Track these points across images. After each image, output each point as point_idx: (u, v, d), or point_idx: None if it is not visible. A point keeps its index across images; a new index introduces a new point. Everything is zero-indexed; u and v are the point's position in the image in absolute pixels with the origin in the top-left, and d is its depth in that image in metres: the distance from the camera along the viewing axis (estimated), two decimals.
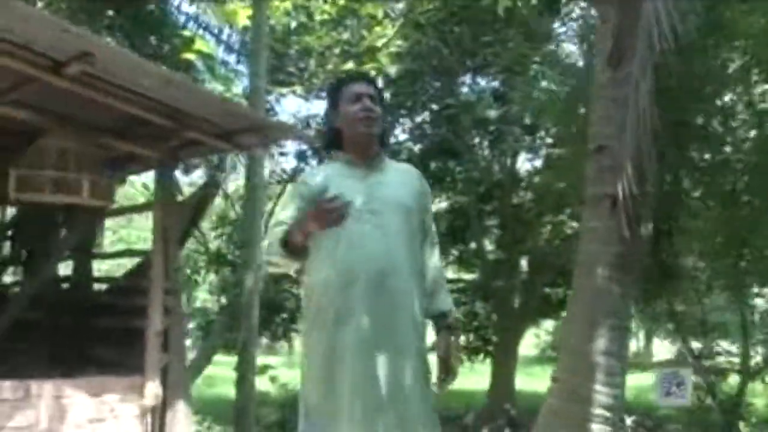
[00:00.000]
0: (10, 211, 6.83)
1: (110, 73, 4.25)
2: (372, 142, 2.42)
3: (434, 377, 2.38)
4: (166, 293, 4.78)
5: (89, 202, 4.51)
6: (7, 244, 6.71)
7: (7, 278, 6.83)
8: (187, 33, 9.32)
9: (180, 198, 5.71)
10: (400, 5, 10.01)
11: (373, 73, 9.76)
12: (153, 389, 4.61)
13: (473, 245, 11.24)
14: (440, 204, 12.33)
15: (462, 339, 11.87)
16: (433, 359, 2.42)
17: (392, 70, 9.41)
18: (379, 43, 9.70)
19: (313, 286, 2.34)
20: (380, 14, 10.08)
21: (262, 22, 7.33)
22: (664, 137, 4.79)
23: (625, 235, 4.01)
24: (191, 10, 10.25)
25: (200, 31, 10.12)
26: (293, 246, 2.25)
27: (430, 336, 2.45)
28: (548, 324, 17.24)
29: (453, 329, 2.45)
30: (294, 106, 30.68)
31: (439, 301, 2.45)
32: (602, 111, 4.43)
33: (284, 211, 2.44)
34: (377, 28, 10.05)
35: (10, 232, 6.71)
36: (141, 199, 10.70)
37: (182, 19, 9.98)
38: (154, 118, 4.63)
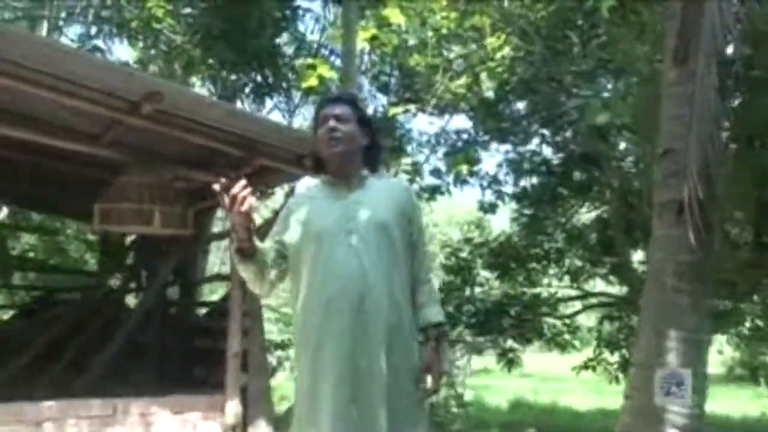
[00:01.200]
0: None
1: (179, 109, 4.55)
2: (343, 161, 2.40)
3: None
4: (245, 315, 4.99)
5: (161, 231, 4.81)
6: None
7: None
8: (310, 60, 9.68)
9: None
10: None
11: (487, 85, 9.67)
12: (233, 408, 4.81)
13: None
14: (588, 215, 11.88)
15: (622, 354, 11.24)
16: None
17: (490, 84, 9.22)
18: (493, 54, 9.59)
19: (296, 311, 2.38)
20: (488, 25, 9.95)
21: (352, 38, 7.47)
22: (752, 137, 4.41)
23: (692, 242, 3.72)
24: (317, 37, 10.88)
25: (331, 57, 10.60)
26: (241, 250, 2.26)
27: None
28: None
29: (440, 340, 2.40)
30: (424, 124, 30.78)
31: (429, 313, 2.41)
32: (670, 110, 4.17)
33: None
34: (490, 39, 9.93)
35: (130, 259, 7.29)
36: None
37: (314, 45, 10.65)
38: (226, 148, 4.88)
